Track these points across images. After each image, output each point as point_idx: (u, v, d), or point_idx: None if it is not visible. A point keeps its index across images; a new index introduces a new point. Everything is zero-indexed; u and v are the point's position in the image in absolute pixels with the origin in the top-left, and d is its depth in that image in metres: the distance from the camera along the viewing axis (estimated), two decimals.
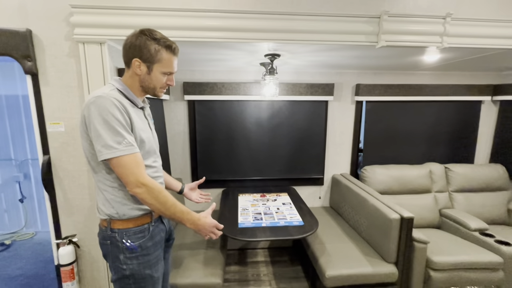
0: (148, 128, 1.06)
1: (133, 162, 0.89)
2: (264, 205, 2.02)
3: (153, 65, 0.96)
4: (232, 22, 1.35)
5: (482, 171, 2.33)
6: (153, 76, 0.98)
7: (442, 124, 2.49)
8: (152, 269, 1.02)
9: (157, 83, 1.00)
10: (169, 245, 1.23)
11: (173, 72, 1.02)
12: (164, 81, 1.01)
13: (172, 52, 0.98)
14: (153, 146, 1.04)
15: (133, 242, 0.98)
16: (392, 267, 1.62)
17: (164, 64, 0.97)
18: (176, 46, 0.99)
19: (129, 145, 0.89)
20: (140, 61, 0.94)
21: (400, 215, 1.60)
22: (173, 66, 1.00)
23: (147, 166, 0.98)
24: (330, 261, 1.66)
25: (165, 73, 0.99)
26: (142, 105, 1.03)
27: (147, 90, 1.01)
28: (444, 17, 1.38)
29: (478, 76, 2.45)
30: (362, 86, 2.30)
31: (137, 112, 1.00)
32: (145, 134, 0.99)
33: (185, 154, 2.37)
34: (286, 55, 1.74)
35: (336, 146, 2.48)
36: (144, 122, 1.03)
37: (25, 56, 1.31)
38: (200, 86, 2.18)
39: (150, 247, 1.01)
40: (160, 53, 0.95)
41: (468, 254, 1.73)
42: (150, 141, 1.02)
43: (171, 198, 0.94)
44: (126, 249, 0.97)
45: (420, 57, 1.79)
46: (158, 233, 1.06)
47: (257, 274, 2.19)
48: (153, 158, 1.05)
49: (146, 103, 1.10)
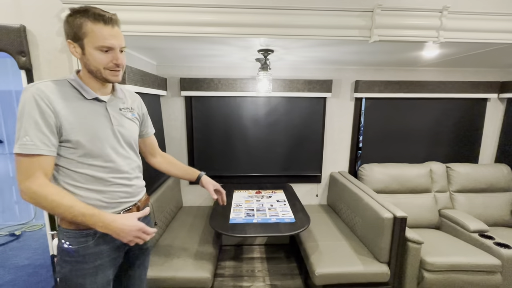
0: (106, 123, 0.92)
1: (25, 164, 0.79)
2: (258, 202, 2.02)
3: (83, 41, 0.83)
4: (222, 17, 1.33)
5: (485, 171, 2.25)
6: (89, 56, 0.84)
7: (444, 122, 2.41)
8: (87, 279, 0.90)
9: (96, 63, 0.85)
10: (143, 252, 1.12)
11: (110, 47, 0.85)
12: (106, 60, 0.85)
13: (101, 21, 0.83)
14: (103, 145, 0.90)
15: (71, 245, 0.89)
16: (384, 267, 1.60)
17: (93, 38, 0.82)
18: (108, 16, 0.84)
19: (28, 144, 0.78)
20: (71, 41, 0.84)
21: (393, 214, 1.57)
22: (105, 39, 0.83)
23: (95, 166, 0.89)
24: (321, 259, 1.65)
25: (99, 48, 0.84)
26: (95, 96, 0.90)
27: (94, 74, 0.88)
28: (440, 10, 1.33)
29: (483, 72, 2.36)
30: (361, 83, 2.25)
31: (85, 105, 0.88)
32: (89, 131, 0.87)
33: (182, 150, 2.39)
34: (280, 51, 1.71)
35: (334, 143, 2.45)
36: (96, 116, 0.91)
37: (19, 52, 1.34)
38: (196, 82, 2.19)
39: (90, 255, 0.91)
40: (85, 25, 0.82)
41: (464, 256, 1.69)
42: (99, 139, 0.89)
43: (67, 201, 0.81)
44: (63, 251, 0.90)
45: (419, 53, 1.73)
46: (111, 241, 0.94)
47: (252, 270, 2.19)
48: (106, 158, 0.91)
49: (116, 95, 0.99)
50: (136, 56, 1.84)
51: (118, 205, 0.97)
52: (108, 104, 0.95)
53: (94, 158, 0.89)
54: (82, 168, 0.88)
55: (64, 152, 0.86)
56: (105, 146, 0.91)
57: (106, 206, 0.93)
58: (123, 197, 0.98)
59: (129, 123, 1.02)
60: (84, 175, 0.89)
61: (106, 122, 0.93)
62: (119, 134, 0.96)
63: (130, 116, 1.03)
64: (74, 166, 0.88)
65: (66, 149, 0.86)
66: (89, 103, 0.90)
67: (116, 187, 0.95)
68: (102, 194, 0.92)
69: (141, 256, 1.12)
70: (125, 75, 1.49)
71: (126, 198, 1.00)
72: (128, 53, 1.72)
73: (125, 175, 0.98)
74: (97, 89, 0.93)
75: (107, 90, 0.97)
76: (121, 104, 1.01)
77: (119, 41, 0.88)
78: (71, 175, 0.88)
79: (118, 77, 0.92)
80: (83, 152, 0.87)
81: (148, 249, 1.16)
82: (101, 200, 0.92)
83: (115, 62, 0.87)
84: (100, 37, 0.83)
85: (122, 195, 0.98)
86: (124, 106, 1.02)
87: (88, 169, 0.89)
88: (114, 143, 0.94)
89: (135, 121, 1.06)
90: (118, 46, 0.87)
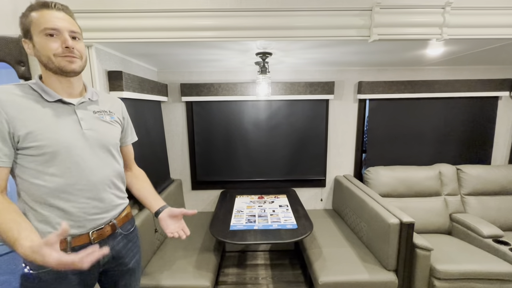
0: (72, 127, 0.85)
1: None
2: (260, 207, 1.98)
3: (31, 33, 0.79)
4: (217, 21, 1.32)
5: (498, 173, 2.15)
6: (37, 45, 0.79)
7: (453, 122, 2.32)
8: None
9: (44, 50, 0.78)
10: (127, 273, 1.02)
11: (55, 28, 0.78)
12: (55, 45, 0.78)
13: (44, 7, 0.79)
14: (68, 150, 0.82)
15: (31, 269, 0.80)
16: (392, 275, 1.53)
17: (36, 25, 0.78)
18: (52, 1, 0.80)
19: None
20: (24, 39, 0.81)
21: (400, 220, 1.50)
22: (48, 21, 0.78)
23: (56, 176, 0.81)
24: (325, 267, 1.59)
25: (44, 32, 0.78)
26: (58, 97, 0.83)
27: (48, 67, 0.81)
28: (443, 6, 1.28)
29: (494, 70, 2.26)
30: (365, 84, 2.19)
31: (46, 109, 0.81)
32: (50, 135, 0.80)
33: (184, 155, 2.38)
34: (278, 53, 1.69)
35: (338, 146, 2.39)
36: (60, 119, 0.83)
37: (18, 62, 1.36)
38: (197, 87, 2.18)
39: (52, 280, 0.82)
40: (30, 16, 0.78)
41: (478, 263, 1.59)
42: (62, 144, 0.82)
43: (11, 220, 0.72)
44: (23, 276, 0.82)
45: (423, 51, 1.67)
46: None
47: (255, 277, 2.14)
48: (71, 165, 0.83)
49: (87, 98, 0.91)
50: (136, 63, 1.85)
51: (86, 223, 0.87)
52: (77, 106, 0.87)
53: (56, 166, 0.81)
54: (43, 180, 0.80)
55: (23, 161, 0.79)
56: (71, 152, 0.83)
57: (71, 225, 0.83)
58: (92, 213, 0.88)
59: (106, 126, 0.94)
60: (44, 188, 0.80)
61: (73, 125, 0.85)
62: (91, 138, 0.88)
63: (108, 119, 0.96)
64: (33, 177, 0.80)
65: (25, 157, 0.79)
66: (52, 106, 0.83)
67: (82, 200, 0.85)
68: (64, 212, 0.83)
69: (126, 276, 1.03)
70: (123, 82, 1.50)
71: (96, 215, 0.89)
72: (128, 60, 1.73)
73: (96, 186, 0.88)
74: (61, 91, 0.85)
75: (75, 92, 0.89)
76: (95, 106, 0.94)
77: (66, 24, 0.80)
78: (30, 188, 0.80)
79: (74, 64, 0.82)
80: (43, 159, 0.79)
81: (133, 270, 1.05)
82: (63, 218, 0.82)
83: (65, 45, 0.79)
84: (42, 21, 0.78)
85: (91, 211, 0.87)
86: (99, 109, 0.94)
87: (49, 181, 0.80)
88: (84, 149, 0.86)
89: (114, 124, 0.99)
90: (65, 29, 0.80)
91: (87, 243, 0.87)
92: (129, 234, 1.04)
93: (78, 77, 0.89)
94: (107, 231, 0.93)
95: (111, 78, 1.48)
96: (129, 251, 1.03)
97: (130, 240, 1.05)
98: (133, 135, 1.15)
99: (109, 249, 0.87)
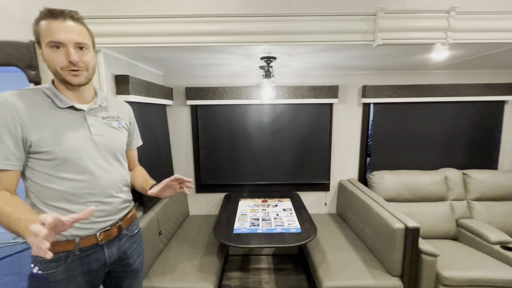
0: (83, 133, 0.87)
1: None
2: (263, 211, 1.97)
3: (40, 42, 0.79)
4: (223, 26, 1.34)
5: (506, 178, 2.11)
6: (46, 56, 0.79)
7: (459, 126, 2.30)
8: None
9: (51, 62, 0.79)
10: (130, 274, 1.04)
11: (59, 41, 0.77)
12: (60, 58, 0.78)
13: (50, 16, 0.77)
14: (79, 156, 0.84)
15: (40, 270, 0.82)
16: (397, 281, 1.51)
17: (43, 35, 0.77)
18: (59, 10, 0.78)
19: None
20: (37, 46, 0.80)
21: (405, 225, 1.49)
22: (53, 33, 0.76)
23: (67, 180, 0.83)
24: (329, 271, 1.58)
25: (49, 45, 0.77)
26: (70, 104, 0.85)
27: (57, 78, 0.82)
28: (447, 11, 1.28)
29: (500, 74, 2.25)
30: (369, 88, 2.19)
31: (59, 115, 0.83)
32: (62, 141, 0.81)
33: (188, 158, 2.39)
34: (283, 58, 1.70)
35: (342, 150, 2.38)
36: (72, 125, 0.85)
37: (29, 66, 1.39)
38: (202, 91, 2.20)
39: (61, 280, 0.84)
40: (39, 25, 0.78)
41: (485, 270, 1.57)
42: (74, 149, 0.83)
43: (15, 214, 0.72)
44: (32, 277, 0.83)
45: (427, 55, 1.67)
46: (85, 264, 0.88)
47: (259, 282, 2.13)
48: (81, 170, 0.85)
49: (97, 104, 0.93)
50: (142, 67, 1.88)
51: (93, 225, 0.89)
52: (87, 113, 0.89)
53: (67, 171, 0.83)
54: (53, 183, 0.82)
55: (35, 165, 0.81)
56: (81, 157, 0.85)
57: (78, 227, 0.85)
58: (99, 216, 0.90)
59: (114, 132, 0.96)
60: (54, 190, 0.82)
61: (84, 131, 0.87)
62: (100, 144, 0.90)
63: (116, 125, 0.98)
64: (44, 181, 0.82)
65: (36, 161, 0.81)
66: (64, 112, 0.85)
67: (90, 204, 0.87)
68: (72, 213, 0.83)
69: (129, 277, 1.05)
70: (129, 86, 1.52)
71: (103, 217, 0.91)
72: (134, 65, 1.76)
73: (103, 190, 0.90)
74: (73, 97, 0.87)
75: (85, 99, 0.91)
76: (104, 112, 0.96)
77: (71, 35, 0.78)
78: (40, 190, 0.82)
79: (80, 78, 0.83)
80: (54, 164, 0.81)
81: (137, 271, 1.07)
82: None
83: (69, 60, 0.78)
84: (48, 32, 0.77)
85: (98, 214, 0.90)
86: (108, 114, 0.96)
87: (59, 184, 0.82)
88: (93, 154, 0.88)
89: (122, 130, 1.01)
90: (70, 42, 0.78)
91: (94, 244, 0.90)
92: (134, 235, 1.07)
93: (88, 85, 0.90)
94: (113, 232, 0.95)
95: (118, 82, 1.51)
96: (134, 252, 1.05)
97: (135, 241, 1.07)
98: (138, 139, 1.17)
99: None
